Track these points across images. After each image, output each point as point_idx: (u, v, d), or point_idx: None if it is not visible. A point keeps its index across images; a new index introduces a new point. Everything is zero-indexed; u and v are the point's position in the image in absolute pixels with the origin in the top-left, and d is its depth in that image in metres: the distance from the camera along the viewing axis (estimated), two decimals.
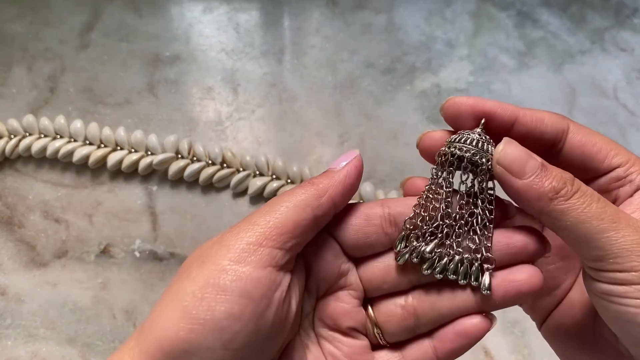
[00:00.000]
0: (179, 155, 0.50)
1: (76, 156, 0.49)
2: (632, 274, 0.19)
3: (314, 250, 0.23)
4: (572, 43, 0.64)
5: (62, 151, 0.49)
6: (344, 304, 0.23)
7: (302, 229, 0.21)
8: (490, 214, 0.21)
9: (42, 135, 0.50)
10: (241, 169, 0.50)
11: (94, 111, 0.55)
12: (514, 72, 0.61)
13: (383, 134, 0.55)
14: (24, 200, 0.49)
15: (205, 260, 0.21)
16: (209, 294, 0.20)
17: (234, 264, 0.20)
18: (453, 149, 0.22)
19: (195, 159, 0.50)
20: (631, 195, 0.22)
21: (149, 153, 0.50)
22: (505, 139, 0.21)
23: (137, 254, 0.47)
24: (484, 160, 0.21)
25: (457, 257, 0.21)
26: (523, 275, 0.21)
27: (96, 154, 0.49)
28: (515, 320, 0.44)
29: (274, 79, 0.59)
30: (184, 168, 0.49)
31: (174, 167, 0.49)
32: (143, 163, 0.49)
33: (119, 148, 0.50)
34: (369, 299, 0.24)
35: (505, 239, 0.22)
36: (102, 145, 0.50)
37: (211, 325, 0.19)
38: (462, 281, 0.21)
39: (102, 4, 0.63)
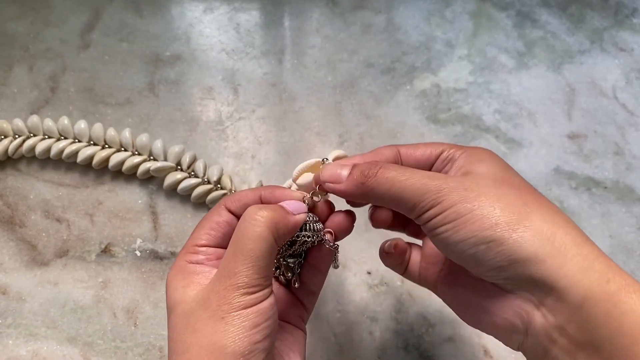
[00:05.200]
0: (179, 167, 0.49)
1: (80, 156, 0.49)
2: (433, 210, 0.25)
3: None
4: (571, 43, 0.64)
5: (66, 151, 0.49)
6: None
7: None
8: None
9: (47, 136, 0.50)
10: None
11: (95, 111, 0.55)
12: (513, 72, 0.61)
13: (383, 133, 0.55)
14: (25, 200, 0.49)
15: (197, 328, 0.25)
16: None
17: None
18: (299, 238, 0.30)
19: (192, 173, 0.49)
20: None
21: (151, 158, 0.50)
22: (325, 165, 0.30)
23: (138, 253, 0.47)
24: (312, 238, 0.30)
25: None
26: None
27: (100, 154, 0.49)
28: None
29: (274, 78, 0.59)
30: (179, 181, 0.48)
31: (170, 179, 0.48)
32: (143, 168, 0.49)
33: (122, 149, 0.50)
34: None
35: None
36: (106, 146, 0.50)
37: None
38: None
39: (103, 3, 0.63)
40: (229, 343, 0.23)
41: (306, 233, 0.29)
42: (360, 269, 0.46)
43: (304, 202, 0.29)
